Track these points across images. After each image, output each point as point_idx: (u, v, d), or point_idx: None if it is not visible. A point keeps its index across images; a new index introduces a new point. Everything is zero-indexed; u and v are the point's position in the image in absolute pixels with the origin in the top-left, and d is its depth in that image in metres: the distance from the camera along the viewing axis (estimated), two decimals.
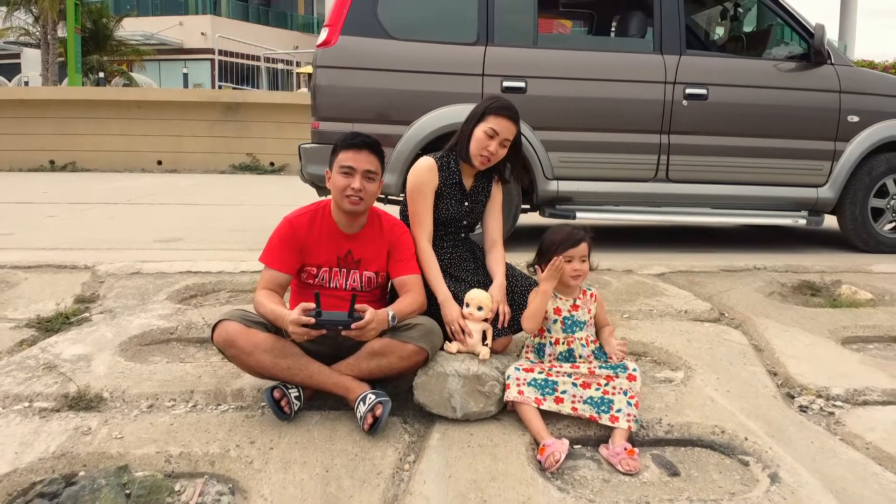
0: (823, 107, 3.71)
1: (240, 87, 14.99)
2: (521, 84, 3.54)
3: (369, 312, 1.72)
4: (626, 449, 1.71)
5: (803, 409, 2.02)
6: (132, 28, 25.42)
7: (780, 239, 4.57)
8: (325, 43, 3.46)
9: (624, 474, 1.66)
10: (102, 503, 1.49)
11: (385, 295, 2.07)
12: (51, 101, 11.91)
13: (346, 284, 1.94)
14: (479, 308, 1.93)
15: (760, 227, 4.83)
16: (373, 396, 1.75)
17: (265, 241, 1.98)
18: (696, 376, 2.15)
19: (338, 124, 3.42)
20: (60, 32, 21.13)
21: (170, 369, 2.07)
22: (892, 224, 3.96)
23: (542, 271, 1.91)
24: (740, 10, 4.11)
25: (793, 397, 2.09)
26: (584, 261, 1.88)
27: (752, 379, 2.16)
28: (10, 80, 28.36)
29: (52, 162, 11.41)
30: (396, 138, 3.45)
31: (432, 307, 2.00)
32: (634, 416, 1.77)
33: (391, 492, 1.54)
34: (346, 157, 1.91)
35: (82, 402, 1.86)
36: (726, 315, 2.73)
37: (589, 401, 1.81)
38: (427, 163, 2.14)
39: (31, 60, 31.35)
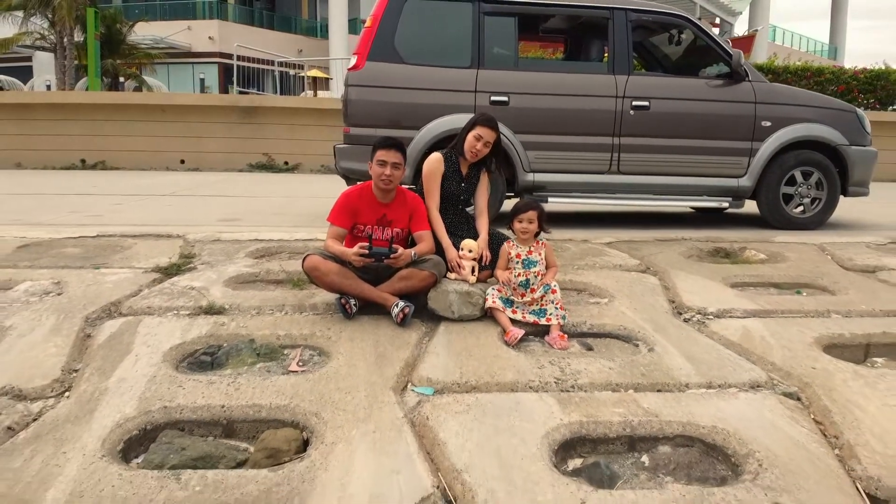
0: (742, 114, 4.75)
1: (247, 90, 15.96)
2: (505, 98, 4.59)
3: (400, 250, 2.76)
4: (559, 335, 2.73)
5: (685, 320, 3.05)
6: (142, 32, 26.23)
7: (709, 219, 5.62)
8: (354, 67, 4.51)
9: (558, 349, 2.69)
10: (243, 356, 2.51)
11: (407, 244, 3.09)
12: (82, 104, 12.93)
13: (382, 236, 2.97)
14: (470, 251, 2.96)
15: (694, 209, 5.90)
16: (402, 303, 2.78)
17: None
18: (615, 301, 3.18)
19: (365, 129, 4.47)
20: (76, 37, 22.04)
21: (264, 294, 3.11)
22: (800, 207, 4.99)
23: (512, 228, 2.95)
24: (682, 36, 5.14)
25: (680, 314, 3.12)
26: (531, 222, 2.91)
27: (654, 303, 3.19)
28: (24, 83, 29.23)
29: (83, 161, 12.39)
30: (408, 140, 4.46)
31: (438, 251, 3.04)
32: (561, 315, 2.80)
33: (416, 352, 2.57)
34: (380, 154, 2.93)
35: (212, 310, 2.89)
36: (650, 269, 3.76)
37: (532, 312, 2.84)
38: (437, 156, 3.18)
39: (43, 64, 32.18)
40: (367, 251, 2.72)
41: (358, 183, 3.07)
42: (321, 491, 1.72)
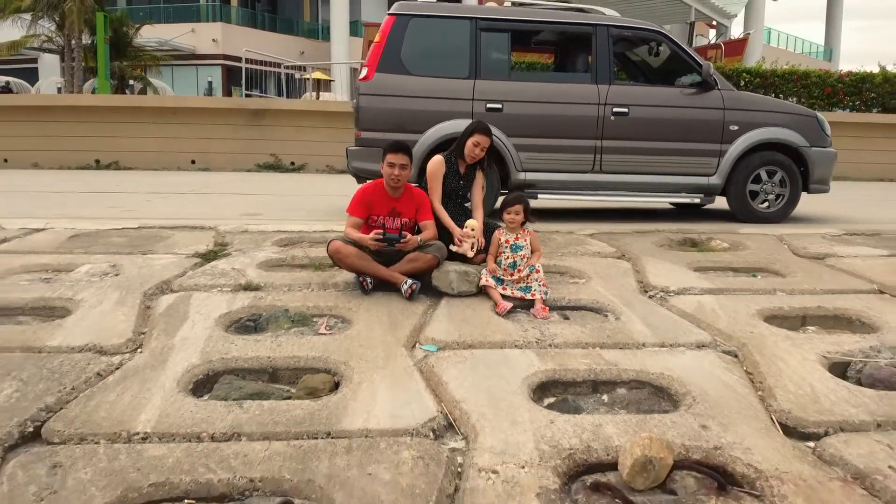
0: (712, 119, 5.28)
1: (252, 92, 16.53)
2: (500, 106, 5.13)
3: (409, 236, 3.29)
4: (542, 307, 3.27)
5: (650, 296, 3.58)
6: (147, 35, 26.68)
7: (684, 214, 6.15)
8: (365, 78, 5.05)
9: (540, 319, 3.22)
10: (280, 322, 3.05)
11: (414, 232, 3.62)
12: (96, 107, 13.46)
13: (393, 225, 3.50)
14: (472, 229, 3.51)
15: (673, 205, 6.45)
16: (410, 280, 3.31)
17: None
18: (592, 281, 3.72)
19: (374, 133, 5.01)
20: (83, 40, 22.50)
21: (292, 275, 3.64)
22: (765, 203, 5.53)
23: (502, 218, 3.48)
24: (661, 48, 5.67)
25: (646, 292, 3.65)
26: (518, 213, 3.43)
27: (625, 283, 3.73)
28: (30, 84, 29.67)
29: (97, 161, 12.89)
30: (412, 143, 4.99)
31: (441, 238, 3.57)
32: (544, 291, 3.33)
33: (422, 320, 3.10)
34: (390, 157, 3.46)
35: (250, 287, 3.42)
36: (625, 256, 4.29)
37: (520, 289, 3.37)
38: (438, 158, 3.72)
39: (49, 65, 32.61)
40: (381, 237, 3.26)
41: (369, 181, 3.61)
42: (352, 413, 2.26)
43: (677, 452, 2.07)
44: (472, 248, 3.52)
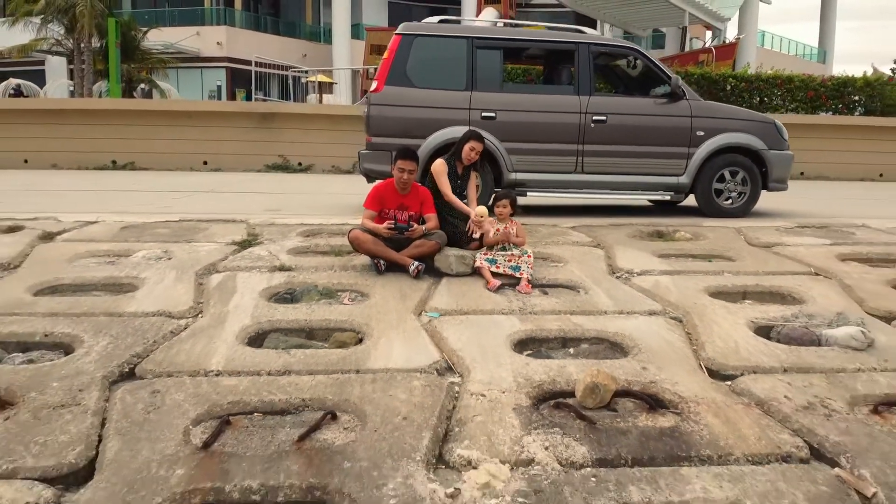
0: (680, 126, 5.98)
1: (259, 96, 17.22)
2: (493, 114, 5.82)
3: (415, 226, 3.99)
4: (526, 285, 3.95)
5: (616, 277, 4.27)
6: (153, 38, 27.28)
7: (658, 210, 6.84)
8: (375, 90, 5.74)
9: (524, 294, 3.90)
10: (311, 295, 3.74)
11: (419, 223, 4.31)
12: (112, 110, 14.13)
13: (401, 217, 4.19)
14: (481, 216, 4.20)
15: (651, 202, 7.16)
16: (417, 263, 4.00)
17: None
18: (569, 265, 4.41)
19: (383, 139, 5.71)
20: (93, 44, 23.12)
21: (317, 259, 4.33)
22: (729, 200, 6.22)
23: (494, 211, 4.18)
24: (637, 62, 6.36)
25: (614, 273, 4.34)
26: (506, 207, 4.13)
27: (597, 266, 4.42)
28: (39, 87, 30.27)
29: (113, 162, 13.55)
30: (416, 147, 5.67)
31: (441, 228, 4.26)
32: (530, 272, 4.03)
33: (427, 294, 3.79)
34: (399, 163, 4.15)
35: (283, 268, 4.11)
36: (600, 245, 4.98)
37: (510, 267, 4.06)
38: (441, 160, 4.43)
39: (56, 68, 33.20)
40: (393, 227, 3.95)
41: (379, 180, 4.30)
42: (374, 358, 2.95)
43: (620, 385, 2.76)
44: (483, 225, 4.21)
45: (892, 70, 32.61)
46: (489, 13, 23.75)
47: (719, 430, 2.44)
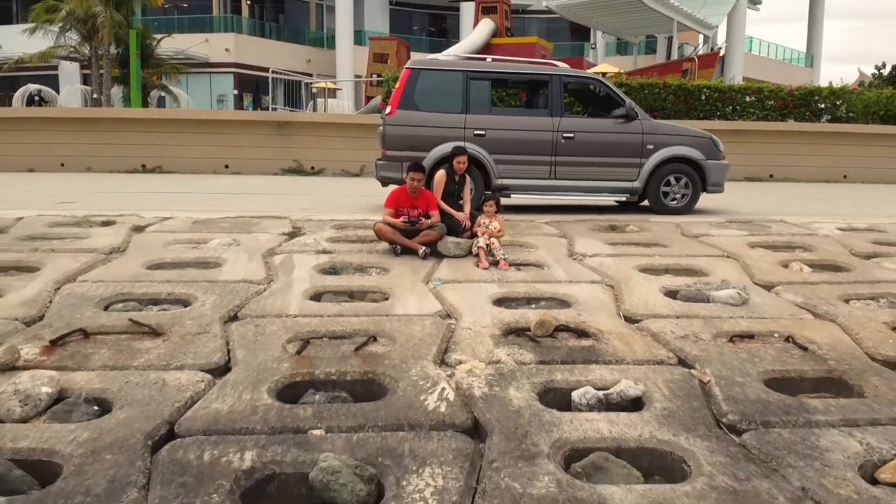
0: (634, 141, 7.42)
1: (267, 99, 18.64)
2: (483, 132, 7.27)
3: (423, 220, 5.45)
4: (504, 264, 5.39)
5: (573, 258, 5.71)
6: (165, 45, 28.57)
7: (619, 209, 8.30)
8: (389, 113, 7.19)
9: (503, 270, 5.34)
10: (349, 270, 5.18)
11: (426, 218, 5.74)
12: (141, 119, 15.54)
13: (413, 214, 5.63)
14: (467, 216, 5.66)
15: (617, 202, 8.59)
16: (424, 248, 5.45)
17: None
18: (539, 250, 5.85)
19: (396, 152, 7.16)
20: (110, 51, 24.44)
21: (349, 245, 5.78)
22: (674, 200, 7.67)
23: (483, 210, 5.62)
24: (600, 90, 7.80)
25: (572, 256, 5.78)
26: (491, 206, 5.57)
27: (560, 251, 5.86)
28: (57, 92, 31.55)
29: (143, 166, 14.94)
30: (421, 158, 7.12)
31: (443, 221, 5.70)
32: (504, 255, 5.47)
33: (431, 270, 5.23)
34: (411, 175, 5.60)
35: (325, 252, 5.55)
36: (565, 235, 6.43)
37: (491, 263, 5.51)
38: (441, 172, 5.90)
39: (69, 73, 34.46)
40: (407, 220, 5.40)
41: (393, 186, 5.75)
42: (397, 308, 4.38)
43: (561, 322, 4.20)
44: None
45: (873, 74, 33.92)
46: (486, 24, 25.25)
47: (620, 348, 3.88)
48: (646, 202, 7.78)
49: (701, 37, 34.62)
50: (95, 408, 3.07)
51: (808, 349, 3.91)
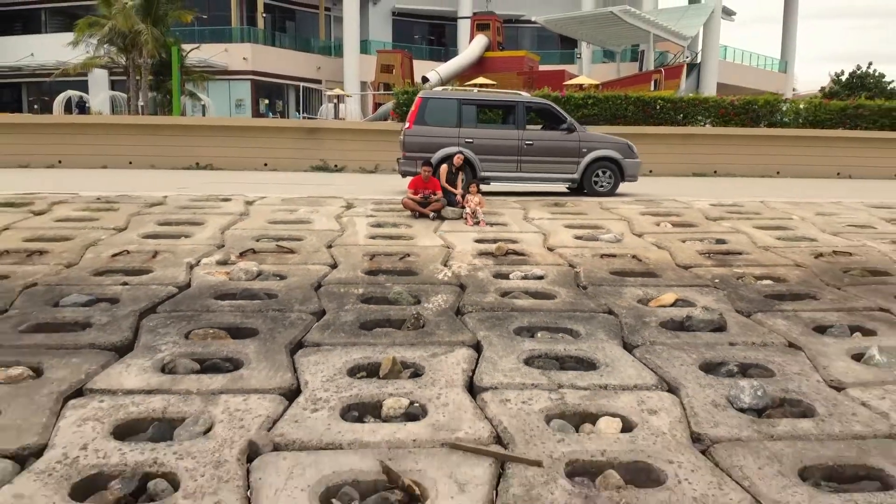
0: (574, 146, 10.89)
1: (277, 103, 21.95)
2: (472, 140, 10.75)
3: (433, 196, 8.94)
4: (482, 223, 8.85)
5: (526, 220, 9.16)
6: (190, 55, 31.63)
7: (567, 193, 11.76)
8: (408, 128, 10.65)
9: (481, 227, 8.78)
10: (388, 227, 8.64)
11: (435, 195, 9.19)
12: (196, 125, 18.94)
13: (426, 193, 9.09)
14: (462, 196, 9.15)
15: (568, 189, 12.09)
16: (434, 213, 8.93)
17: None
18: (505, 216, 9.31)
19: (412, 153, 10.63)
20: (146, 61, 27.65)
21: (385, 213, 9.23)
22: (602, 186, 11.14)
23: (469, 190, 9.09)
24: (552, 111, 11.24)
25: (525, 219, 9.23)
26: (474, 188, 9.03)
27: (518, 217, 9.32)
28: (88, 97, 34.70)
29: (197, 163, 18.34)
30: (430, 157, 10.53)
31: (445, 196, 9.17)
32: (483, 219, 8.94)
33: (438, 225, 8.68)
34: (424, 168, 9.07)
35: (371, 216, 8.99)
36: (524, 209, 9.89)
37: (475, 222, 8.98)
38: (444, 165, 9.42)
39: (98, 80, 37.55)
40: (423, 197, 8.87)
41: (411, 176, 9.18)
42: (420, 243, 7.82)
43: (510, 249, 7.65)
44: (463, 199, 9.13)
45: (833, 81, 36.95)
46: (480, 39, 28.71)
47: (541, 260, 7.33)
48: (585, 189, 11.27)
49: (686, 44, 37.48)
50: (278, 278, 6.51)
51: (642, 261, 7.37)
